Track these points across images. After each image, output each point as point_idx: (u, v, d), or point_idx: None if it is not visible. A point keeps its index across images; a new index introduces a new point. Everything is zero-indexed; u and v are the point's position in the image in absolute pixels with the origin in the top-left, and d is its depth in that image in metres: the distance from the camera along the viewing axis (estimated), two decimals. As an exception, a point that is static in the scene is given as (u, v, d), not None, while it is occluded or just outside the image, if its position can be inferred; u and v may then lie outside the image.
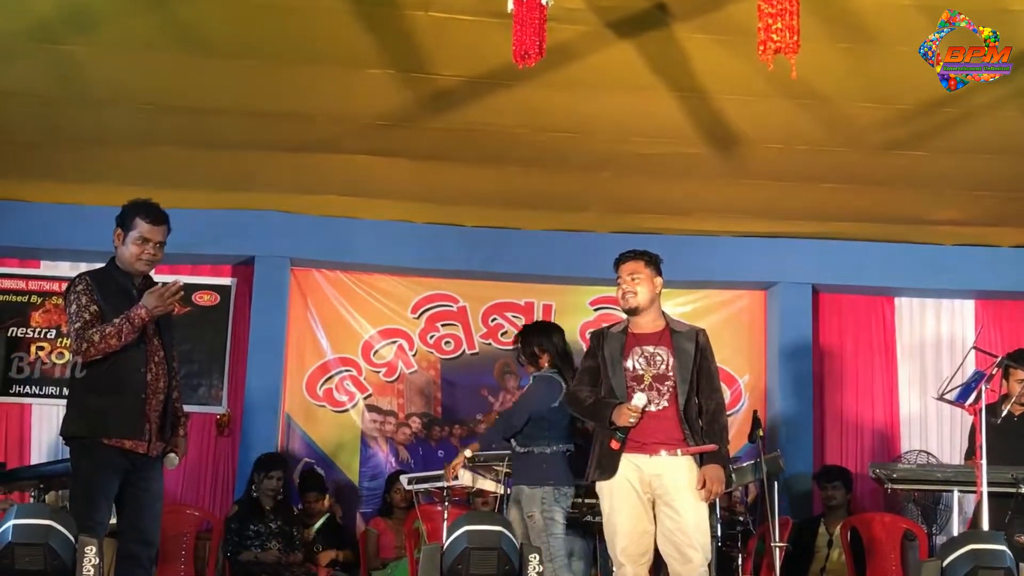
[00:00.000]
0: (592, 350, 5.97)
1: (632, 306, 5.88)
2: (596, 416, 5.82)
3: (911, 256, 9.61)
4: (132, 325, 5.55)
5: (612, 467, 5.67)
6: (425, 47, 6.39)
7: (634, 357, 5.79)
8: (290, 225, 9.20)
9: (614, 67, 6.53)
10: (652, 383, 5.71)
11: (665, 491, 5.61)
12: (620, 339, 5.87)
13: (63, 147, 8.04)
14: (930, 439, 9.61)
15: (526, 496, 6.76)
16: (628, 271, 5.95)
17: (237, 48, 6.50)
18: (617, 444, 5.62)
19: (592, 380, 5.90)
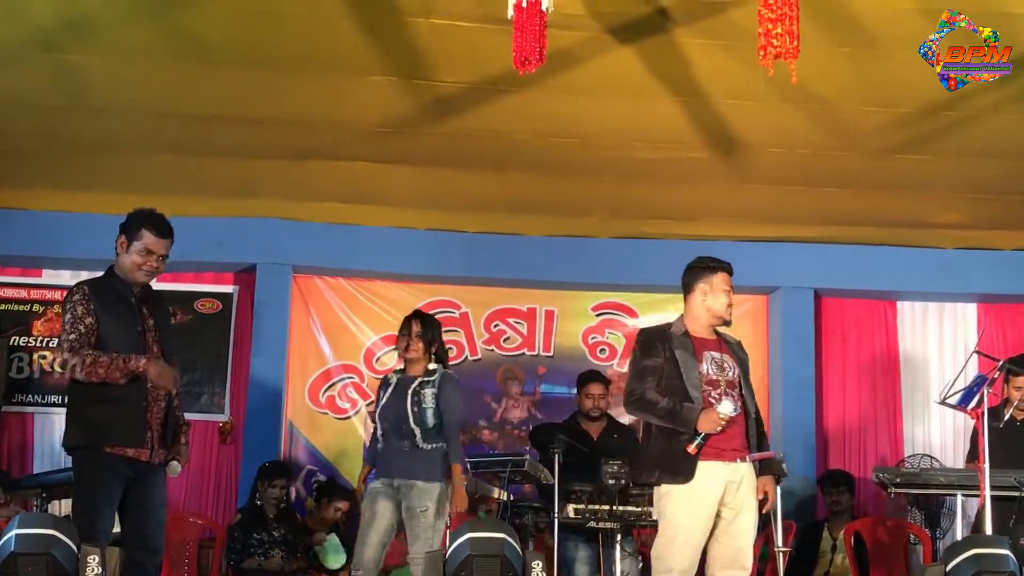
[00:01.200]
0: (653, 349, 5.72)
1: (730, 320, 5.85)
2: (676, 419, 5.57)
3: (913, 260, 9.60)
4: (124, 369, 5.45)
5: (689, 471, 5.52)
6: (426, 54, 6.40)
7: (706, 362, 5.69)
8: (292, 232, 9.20)
9: (615, 72, 6.54)
10: (726, 389, 5.64)
11: (736, 498, 5.56)
12: (687, 342, 5.73)
13: (65, 155, 8.05)
14: (933, 443, 9.60)
15: (420, 490, 6.60)
16: (728, 283, 5.85)
17: (238, 56, 6.51)
18: (695, 449, 5.50)
19: (656, 380, 5.68)
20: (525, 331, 9.76)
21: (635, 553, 7.75)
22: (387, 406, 6.80)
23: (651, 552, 5.78)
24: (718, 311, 5.78)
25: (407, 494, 6.63)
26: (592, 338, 9.83)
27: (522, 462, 7.30)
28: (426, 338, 6.85)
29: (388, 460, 6.75)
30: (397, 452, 6.71)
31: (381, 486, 6.73)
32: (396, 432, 6.72)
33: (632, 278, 9.64)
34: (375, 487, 6.75)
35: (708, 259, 5.91)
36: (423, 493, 6.60)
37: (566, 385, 9.48)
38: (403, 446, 6.70)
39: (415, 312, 7.17)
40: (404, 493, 6.64)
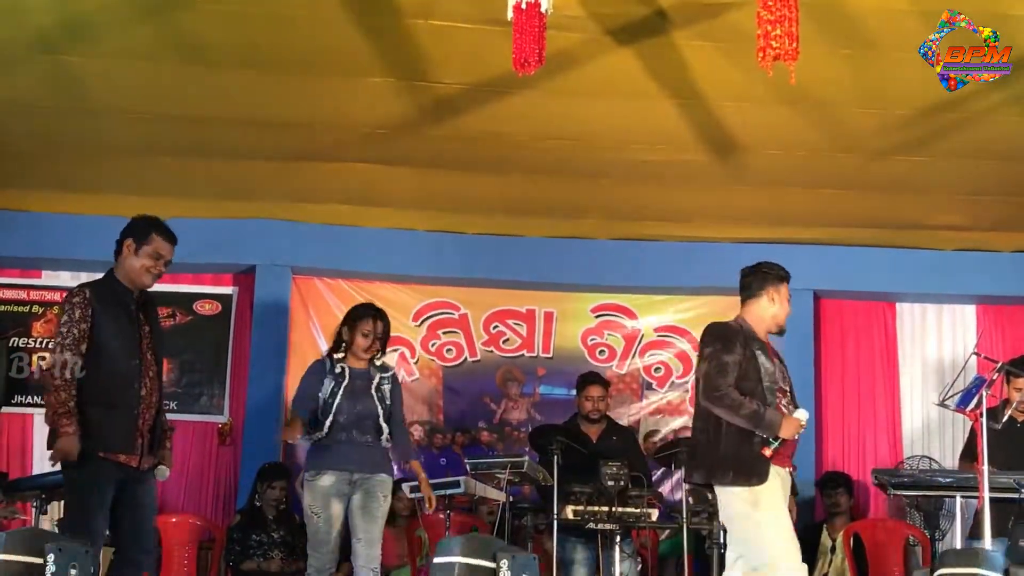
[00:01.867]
0: (734, 345, 5.64)
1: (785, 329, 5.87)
2: (760, 423, 5.49)
3: (912, 261, 9.61)
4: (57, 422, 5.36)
5: (764, 473, 5.50)
6: (426, 55, 6.40)
7: (775, 365, 5.71)
8: (291, 234, 9.21)
9: (614, 74, 6.54)
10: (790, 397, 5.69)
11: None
12: (763, 345, 5.73)
13: (64, 157, 8.05)
14: (932, 445, 9.60)
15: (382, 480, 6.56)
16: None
17: (237, 58, 6.51)
18: (771, 453, 5.48)
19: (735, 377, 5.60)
20: (524, 332, 9.77)
21: (634, 554, 7.76)
22: (348, 400, 6.56)
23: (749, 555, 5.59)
24: (781, 320, 5.84)
25: (364, 483, 6.51)
26: (591, 339, 9.84)
27: (521, 463, 7.29)
28: (385, 340, 6.79)
29: (346, 454, 6.50)
30: (357, 446, 6.52)
31: (334, 483, 6.46)
32: (358, 427, 6.54)
33: (631, 280, 9.65)
34: (325, 485, 6.45)
35: (778, 267, 5.95)
36: (384, 484, 6.57)
37: (565, 386, 9.49)
38: (365, 440, 6.56)
39: (376, 310, 6.81)
40: (361, 484, 6.51)
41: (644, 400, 9.81)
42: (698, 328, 9.71)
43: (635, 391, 9.81)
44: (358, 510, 6.51)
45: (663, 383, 9.83)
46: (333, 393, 6.57)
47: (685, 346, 9.85)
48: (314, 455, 6.60)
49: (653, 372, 9.85)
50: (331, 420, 6.52)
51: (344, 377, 6.62)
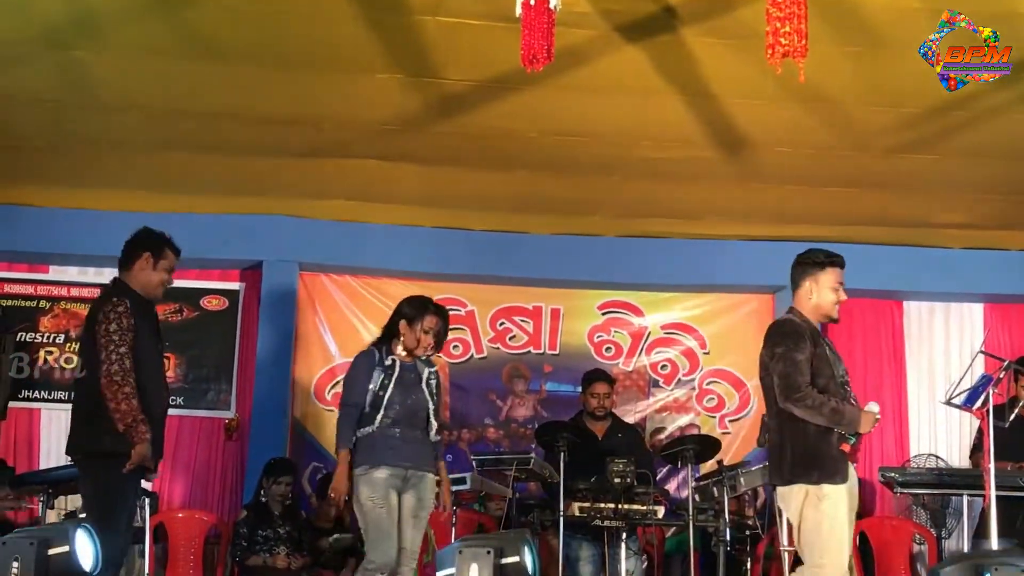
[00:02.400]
0: (804, 342, 5.52)
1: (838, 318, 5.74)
2: (842, 420, 5.41)
3: (919, 260, 9.60)
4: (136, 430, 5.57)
5: (845, 472, 5.45)
6: (433, 52, 6.40)
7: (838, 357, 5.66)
8: (299, 229, 9.21)
9: (622, 71, 6.54)
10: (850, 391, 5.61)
11: None
12: (826, 340, 5.66)
13: (72, 152, 8.06)
14: (939, 443, 9.59)
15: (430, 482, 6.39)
16: (840, 278, 5.72)
17: (245, 53, 6.51)
18: (849, 448, 5.43)
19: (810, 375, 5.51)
20: (531, 329, 9.77)
21: (639, 551, 7.76)
22: (400, 393, 6.35)
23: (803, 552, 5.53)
24: (825, 309, 5.67)
25: (417, 485, 6.33)
26: (598, 336, 9.84)
27: (528, 460, 7.32)
28: (441, 338, 6.58)
29: (398, 448, 6.29)
30: (410, 441, 6.33)
31: (390, 476, 6.25)
32: (409, 421, 6.34)
33: (638, 277, 9.65)
34: (382, 477, 6.23)
35: (819, 253, 5.75)
36: (431, 487, 6.40)
37: (572, 383, 9.48)
38: (417, 436, 6.36)
39: (436, 307, 6.62)
40: (414, 484, 6.33)
41: (651, 397, 9.80)
42: (705, 325, 9.86)
43: (642, 388, 9.81)
44: (409, 516, 6.34)
45: (670, 380, 9.83)
46: (384, 386, 6.35)
47: (692, 343, 9.86)
48: (366, 449, 6.29)
49: (660, 369, 9.84)
50: (382, 414, 6.31)
51: (395, 369, 6.40)
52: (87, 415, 5.71)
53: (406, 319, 6.48)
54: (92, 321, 5.74)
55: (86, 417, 5.72)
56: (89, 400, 5.69)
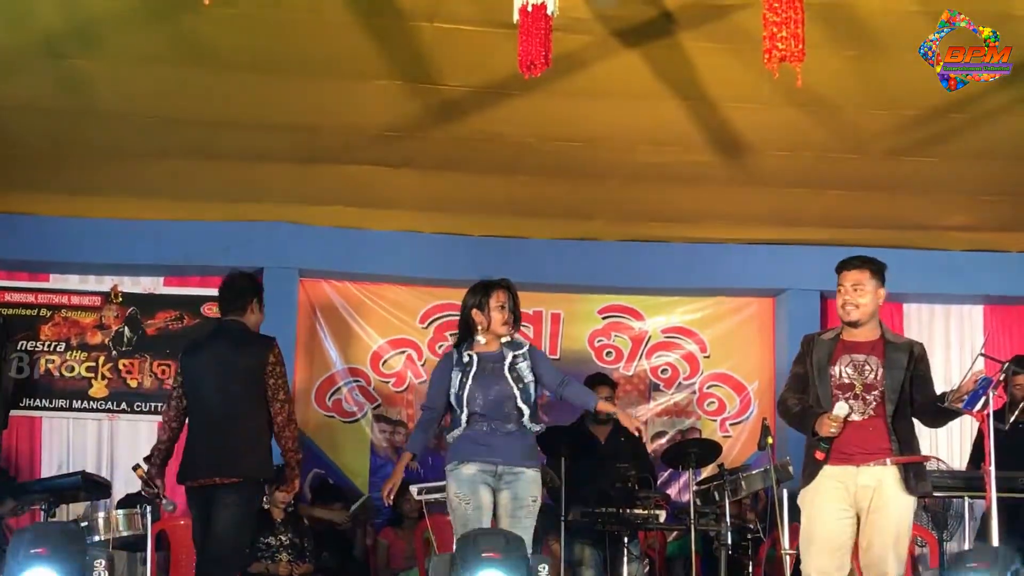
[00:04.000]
0: (801, 356, 5.74)
1: (853, 319, 5.62)
2: (802, 425, 5.61)
3: (919, 262, 9.58)
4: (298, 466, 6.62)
5: (814, 475, 5.52)
6: (431, 58, 6.41)
7: (842, 364, 5.60)
8: (299, 236, 9.21)
9: (620, 76, 6.54)
10: (861, 392, 5.54)
11: (871, 502, 5.46)
12: (830, 346, 5.66)
13: (72, 161, 8.06)
14: (940, 445, 9.59)
15: (529, 479, 6.06)
16: (852, 280, 5.62)
17: (245, 61, 6.52)
18: (822, 454, 5.46)
19: (801, 387, 5.68)
20: (531, 334, 9.75)
21: (642, 555, 7.76)
22: (480, 387, 6.08)
23: None
24: (841, 313, 5.69)
25: (512, 482, 6.01)
26: (598, 341, 9.83)
27: (530, 465, 7.30)
28: (515, 311, 6.30)
29: (489, 444, 6.02)
30: (500, 436, 6.04)
31: (479, 472, 5.99)
32: (496, 414, 6.05)
33: (638, 281, 9.65)
34: (469, 473, 6.00)
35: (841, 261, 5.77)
36: (532, 483, 6.05)
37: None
38: (507, 428, 6.05)
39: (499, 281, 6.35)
40: (508, 481, 6.02)
41: (651, 402, 9.80)
42: (705, 329, 9.87)
43: (642, 392, 9.80)
44: (506, 516, 6.04)
45: (670, 384, 9.83)
46: (462, 384, 6.11)
47: (692, 347, 9.86)
48: (456, 448, 6.11)
49: (660, 373, 9.84)
50: (466, 412, 6.08)
51: (472, 365, 6.14)
52: (252, 442, 6.34)
53: (476, 307, 6.23)
54: (257, 357, 6.41)
55: (252, 445, 6.34)
56: (251, 428, 6.35)
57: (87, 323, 9.21)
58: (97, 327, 9.21)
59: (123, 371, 9.17)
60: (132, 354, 9.21)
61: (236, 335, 6.52)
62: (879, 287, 5.65)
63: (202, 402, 6.42)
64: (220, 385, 6.37)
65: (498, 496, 6.04)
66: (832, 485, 5.48)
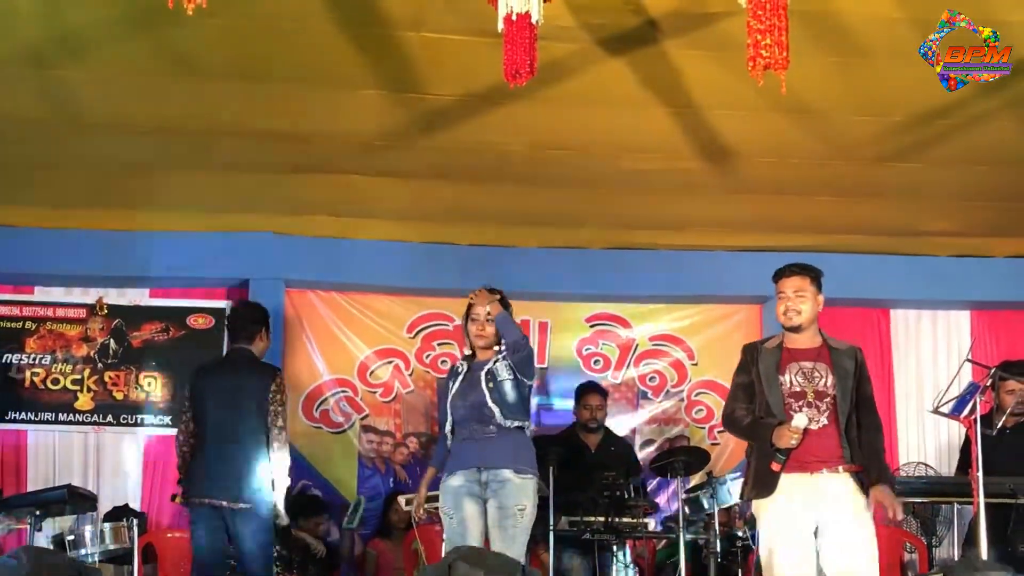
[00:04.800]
0: (745, 365, 5.77)
1: (795, 324, 5.66)
2: (755, 437, 5.64)
3: (906, 268, 9.62)
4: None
5: (771, 485, 5.51)
6: (417, 67, 6.39)
7: (791, 372, 5.62)
8: (284, 246, 9.19)
9: (606, 84, 6.54)
10: (813, 400, 5.56)
11: (830, 512, 5.46)
12: (776, 355, 5.68)
13: (56, 172, 8.03)
14: (928, 451, 9.61)
15: (515, 486, 6.01)
16: (793, 287, 5.69)
17: (229, 71, 6.50)
18: (778, 466, 5.46)
19: (747, 397, 5.70)
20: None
21: (631, 564, 7.75)
22: (459, 394, 6.21)
23: None
24: (782, 319, 5.73)
25: (498, 491, 6.00)
26: (586, 349, 9.83)
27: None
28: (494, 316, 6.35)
29: (470, 451, 6.09)
30: (480, 441, 6.09)
31: (464, 481, 6.05)
32: (475, 418, 6.12)
33: (625, 289, 9.65)
34: (454, 485, 6.06)
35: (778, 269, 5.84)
36: (518, 490, 6.00)
37: (560, 396, 9.49)
38: (486, 431, 6.09)
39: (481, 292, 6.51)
40: (494, 489, 6.01)
41: (639, 410, 9.80)
42: (692, 337, 9.87)
43: (630, 400, 9.80)
44: (494, 527, 6.03)
45: (658, 392, 9.83)
46: (450, 393, 6.29)
47: (680, 355, 9.86)
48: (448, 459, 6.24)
49: (648, 381, 9.84)
50: (451, 421, 6.22)
51: (460, 374, 6.30)
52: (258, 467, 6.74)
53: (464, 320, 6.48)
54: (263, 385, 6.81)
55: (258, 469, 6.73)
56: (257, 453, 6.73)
57: (72, 335, 9.18)
58: (82, 339, 9.18)
59: (109, 383, 9.13)
60: (118, 366, 9.17)
61: (244, 362, 7.00)
62: (818, 293, 5.74)
63: (211, 424, 6.80)
64: (228, 409, 6.78)
65: (487, 506, 6.04)
66: (790, 494, 5.49)
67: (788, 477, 5.49)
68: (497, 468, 6.01)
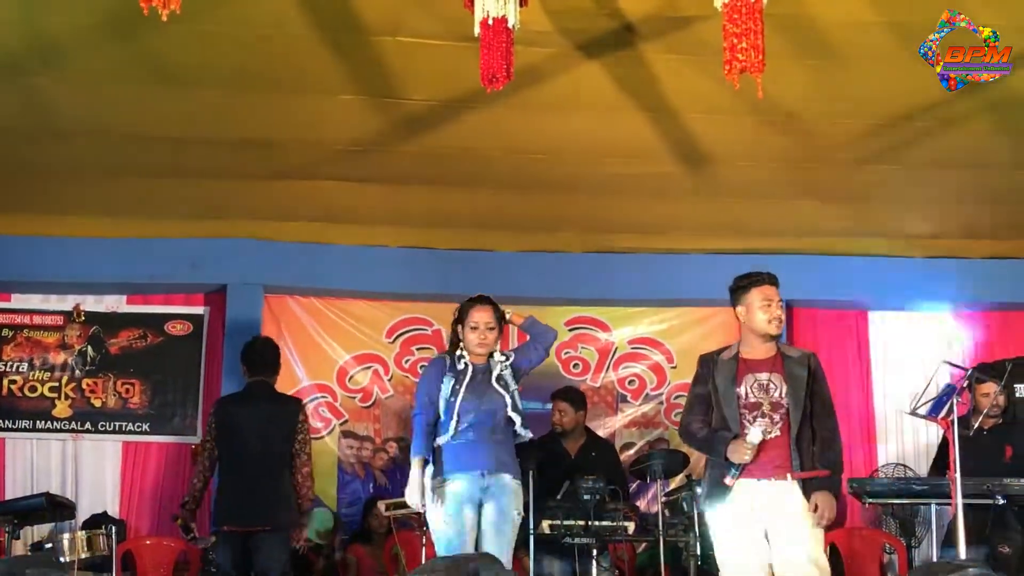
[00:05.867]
0: (702, 377, 5.79)
1: (777, 334, 5.74)
2: (711, 450, 5.66)
3: (884, 269, 9.64)
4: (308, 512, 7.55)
5: (724, 495, 5.54)
6: (394, 72, 6.40)
7: (747, 384, 5.64)
8: (262, 252, 9.17)
9: (583, 88, 6.55)
10: (768, 412, 5.56)
11: (777, 518, 5.47)
12: (732, 366, 5.70)
13: (33, 179, 8.00)
14: (907, 453, 9.63)
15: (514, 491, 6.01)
16: (776, 297, 5.75)
17: (206, 77, 6.49)
18: (732, 481, 5.48)
19: (704, 408, 5.72)
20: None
21: (611, 568, 7.75)
22: (474, 398, 6.03)
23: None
24: (759, 328, 5.73)
25: (498, 495, 5.95)
26: (565, 353, 9.82)
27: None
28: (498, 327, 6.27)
29: (475, 454, 5.96)
30: (487, 443, 5.99)
31: (466, 487, 5.93)
32: (486, 423, 6.00)
33: (604, 292, 9.65)
34: (456, 491, 5.92)
35: (745, 276, 5.87)
36: (516, 496, 6.00)
37: (540, 401, 9.46)
38: (496, 439, 6.02)
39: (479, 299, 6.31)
40: (495, 493, 5.95)
41: (619, 413, 9.80)
42: (671, 340, 9.87)
43: (610, 404, 9.80)
44: (491, 529, 5.95)
45: (637, 395, 9.83)
46: (455, 391, 6.04)
47: (659, 358, 9.86)
48: (442, 458, 6.01)
49: (627, 385, 9.84)
50: (456, 421, 5.99)
51: (467, 373, 6.10)
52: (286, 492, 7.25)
53: (458, 323, 6.26)
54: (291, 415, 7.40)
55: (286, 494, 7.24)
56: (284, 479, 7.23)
57: (50, 343, 9.14)
58: (60, 346, 9.14)
59: (87, 390, 9.10)
60: (96, 373, 9.14)
61: (269, 394, 7.58)
62: None
63: (240, 453, 7.27)
64: (258, 438, 7.27)
65: (483, 509, 5.98)
66: (739, 501, 5.52)
67: (739, 484, 5.53)
68: (499, 473, 5.99)
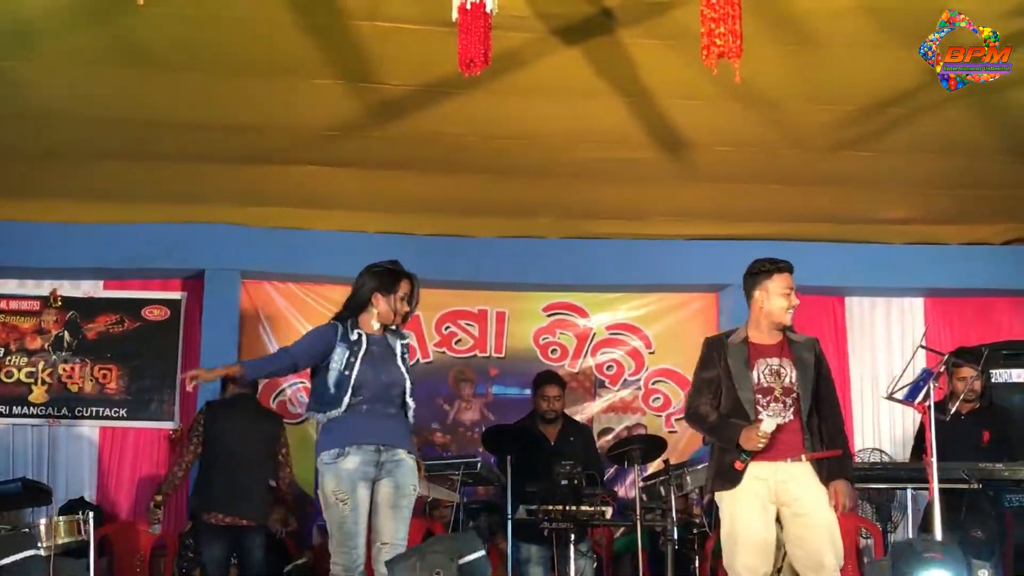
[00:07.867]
0: (710, 360, 5.70)
1: (790, 323, 5.76)
2: (721, 436, 5.55)
3: (860, 255, 9.67)
4: None
5: (736, 480, 5.48)
6: (372, 57, 6.38)
7: (759, 369, 5.60)
8: (240, 237, 9.14)
9: (561, 73, 6.54)
10: (781, 396, 5.53)
11: (792, 498, 5.45)
12: (743, 350, 5.66)
13: (8, 163, 7.96)
14: (883, 438, 9.67)
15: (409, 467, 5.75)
16: (792, 283, 5.81)
17: (183, 61, 6.46)
18: (742, 465, 5.44)
19: (713, 392, 5.64)
20: (476, 333, 9.76)
21: (590, 553, 7.76)
22: (370, 370, 5.70)
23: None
24: (775, 316, 5.74)
25: (393, 470, 5.67)
26: (543, 338, 9.83)
27: (475, 464, 7.31)
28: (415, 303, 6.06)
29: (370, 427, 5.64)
30: (383, 417, 5.70)
31: (360, 463, 5.59)
32: (382, 397, 5.71)
33: (582, 278, 9.66)
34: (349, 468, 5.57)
35: (766, 261, 5.87)
36: (412, 471, 5.73)
37: (518, 386, 9.50)
38: (391, 413, 5.74)
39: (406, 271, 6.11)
40: (390, 469, 5.66)
41: (597, 398, 9.82)
42: (649, 325, 9.89)
43: (588, 389, 9.82)
44: (386, 507, 5.67)
45: (615, 381, 9.85)
46: (350, 364, 5.69)
47: (637, 343, 9.88)
48: (332, 432, 5.65)
49: (605, 370, 9.86)
50: (350, 394, 5.64)
51: (361, 345, 5.75)
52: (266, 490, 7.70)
53: (380, 290, 5.92)
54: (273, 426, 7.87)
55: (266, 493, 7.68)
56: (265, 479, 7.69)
57: (26, 328, 9.11)
58: (36, 332, 9.11)
59: (63, 376, 9.07)
60: (72, 358, 9.11)
61: (253, 407, 7.88)
62: None
63: (229, 450, 7.50)
64: (247, 439, 7.59)
65: (377, 486, 5.68)
66: (752, 483, 5.49)
67: (754, 466, 5.48)
68: (395, 447, 5.71)
